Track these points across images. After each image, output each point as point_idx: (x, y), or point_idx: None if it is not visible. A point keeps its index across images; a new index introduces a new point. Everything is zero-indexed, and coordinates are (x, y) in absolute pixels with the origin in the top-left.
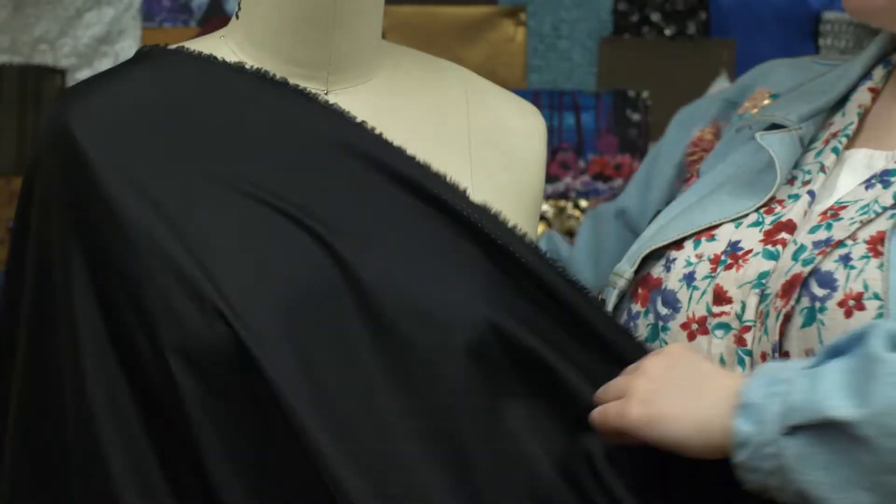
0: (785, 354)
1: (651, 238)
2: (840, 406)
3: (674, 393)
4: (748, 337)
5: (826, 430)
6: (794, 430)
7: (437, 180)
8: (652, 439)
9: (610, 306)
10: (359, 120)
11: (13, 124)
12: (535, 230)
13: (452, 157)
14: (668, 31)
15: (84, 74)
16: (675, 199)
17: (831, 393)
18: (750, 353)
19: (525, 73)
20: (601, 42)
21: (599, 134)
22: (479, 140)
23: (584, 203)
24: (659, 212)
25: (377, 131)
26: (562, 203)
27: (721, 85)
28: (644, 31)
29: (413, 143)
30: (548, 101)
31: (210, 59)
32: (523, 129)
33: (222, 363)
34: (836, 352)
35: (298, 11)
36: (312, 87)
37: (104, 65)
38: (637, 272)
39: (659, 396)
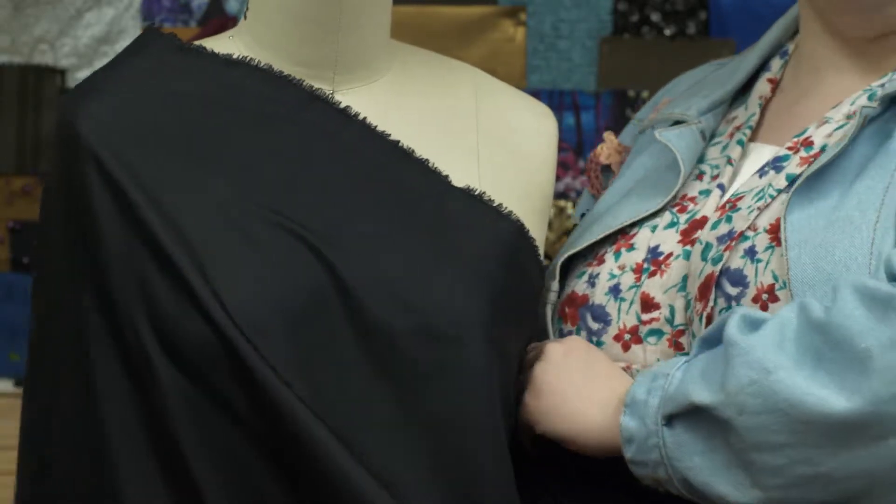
0: None
1: (567, 248)
2: (701, 390)
3: (565, 387)
4: (684, 341)
5: (696, 417)
6: (670, 419)
7: (429, 173)
8: (544, 432)
9: (548, 323)
10: (354, 112)
11: (13, 124)
12: (543, 231)
13: (460, 157)
14: (668, 31)
15: (84, 74)
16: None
17: (696, 379)
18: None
19: (525, 73)
20: (601, 42)
21: (599, 134)
22: (488, 140)
23: None
24: (576, 226)
25: (373, 124)
26: (561, 203)
27: None
28: (644, 31)
29: (420, 143)
30: (547, 100)
31: (211, 55)
32: (533, 129)
33: (204, 352)
34: (708, 342)
35: (304, 11)
36: (318, 87)
37: None
38: (562, 291)
39: (552, 388)
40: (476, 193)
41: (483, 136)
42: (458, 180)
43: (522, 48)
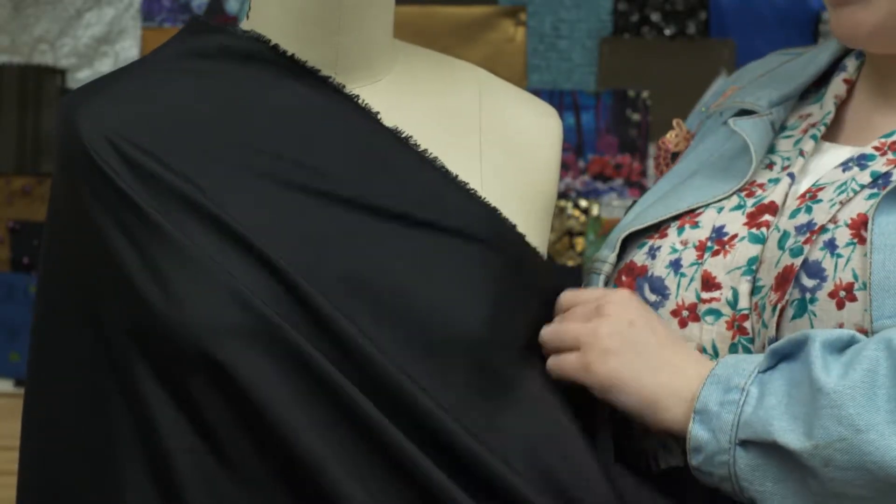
0: None
1: (630, 223)
2: (786, 432)
3: (631, 361)
4: (748, 326)
5: (776, 451)
6: (745, 443)
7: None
8: (608, 400)
9: None
10: (364, 103)
11: (13, 124)
12: (546, 231)
13: (462, 158)
14: (668, 31)
15: (84, 74)
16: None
17: (778, 415)
18: (752, 342)
19: (525, 73)
20: (601, 42)
21: (599, 134)
22: (491, 141)
23: (584, 203)
24: (635, 201)
25: (384, 120)
26: (562, 203)
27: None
28: (644, 31)
29: (423, 143)
30: (548, 100)
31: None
32: (537, 129)
33: (180, 358)
34: (781, 355)
35: (304, 12)
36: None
37: (104, 65)
38: (620, 260)
39: (618, 360)
40: (472, 189)
41: (486, 136)
42: (425, 148)
43: (522, 48)
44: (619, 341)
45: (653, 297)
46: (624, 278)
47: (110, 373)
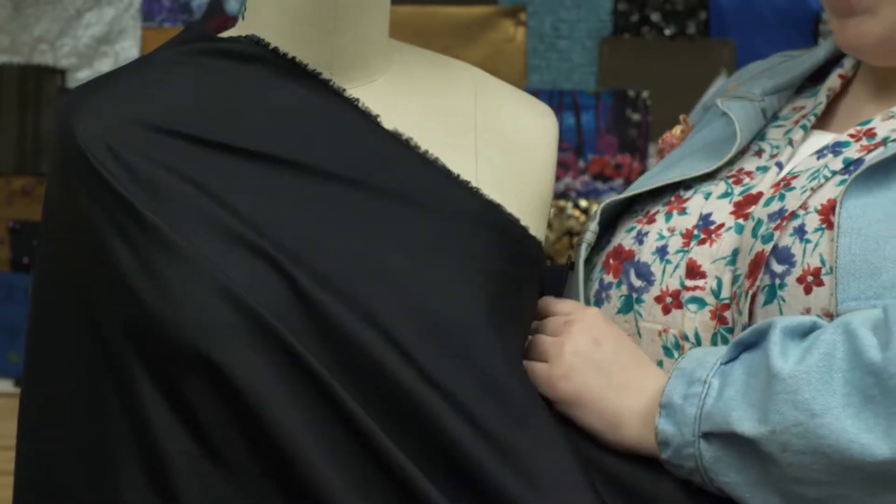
0: None
1: (616, 196)
2: (743, 420)
3: (594, 380)
4: (728, 315)
5: (736, 441)
6: (707, 435)
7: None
8: (571, 417)
9: (580, 261)
10: (362, 105)
11: (13, 124)
12: (542, 230)
13: (458, 157)
14: (668, 31)
15: (84, 74)
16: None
17: (736, 405)
18: (732, 332)
19: (525, 73)
20: (601, 42)
21: (599, 134)
22: (487, 140)
23: (583, 203)
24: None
25: (375, 116)
26: (562, 203)
27: (721, 85)
28: (644, 31)
29: (419, 143)
30: (547, 100)
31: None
32: (533, 129)
33: (177, 357)
34: (744, 345)
35: (300, 11)
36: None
37: (104, 65)
38: (608, 243)
39: (581, 378)
40: (474, 187)
41: (482, 136)
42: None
43: (522, 48)
44: (583, 360)
45: (638, 283)
46: (612, 261)
47: (106, 373)
